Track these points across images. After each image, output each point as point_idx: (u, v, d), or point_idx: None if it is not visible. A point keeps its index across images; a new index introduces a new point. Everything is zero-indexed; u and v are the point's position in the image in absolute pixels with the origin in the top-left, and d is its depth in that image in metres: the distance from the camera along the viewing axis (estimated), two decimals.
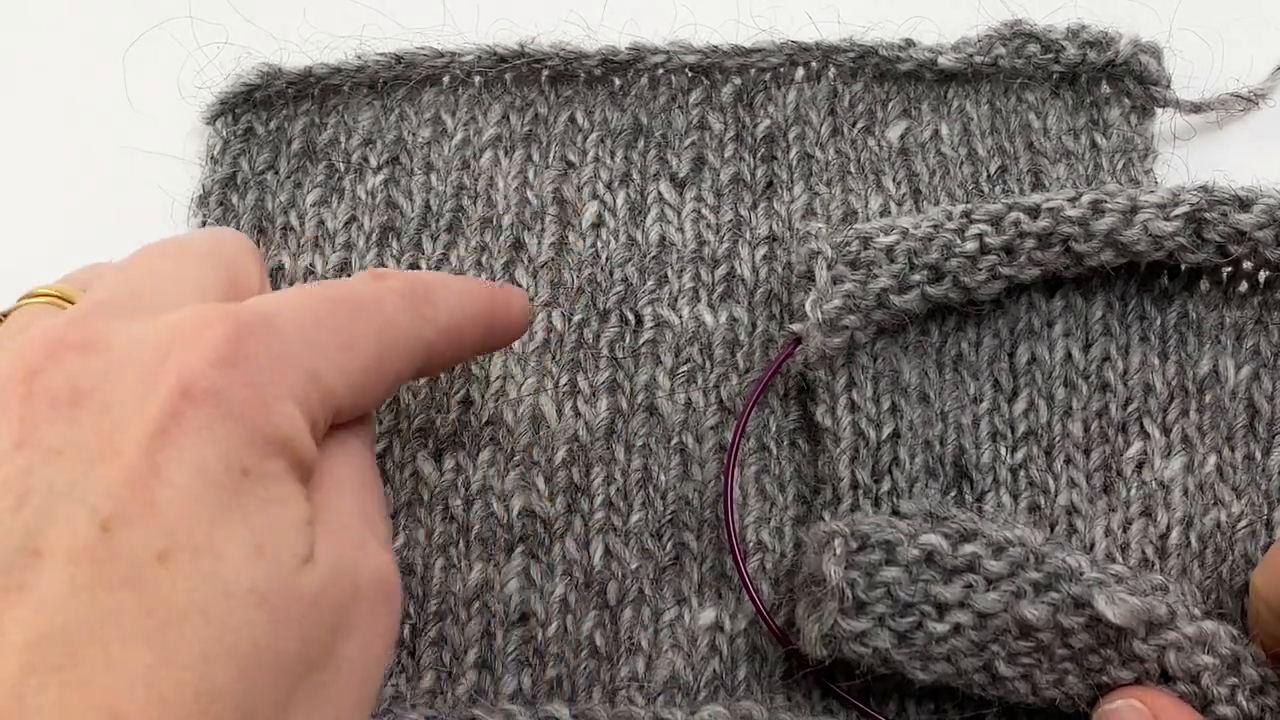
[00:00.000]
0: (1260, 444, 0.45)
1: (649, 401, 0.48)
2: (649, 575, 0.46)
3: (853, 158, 0.52)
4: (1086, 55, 0.52)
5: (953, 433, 0.46)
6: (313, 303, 0.35)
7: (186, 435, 0.30)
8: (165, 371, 0.31)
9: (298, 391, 0.33)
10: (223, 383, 0.31)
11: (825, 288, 0.45)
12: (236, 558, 0.29)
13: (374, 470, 0.38)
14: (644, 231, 0.51)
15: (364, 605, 0.33)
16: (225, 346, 0.31)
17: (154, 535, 0.29)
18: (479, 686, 0.44)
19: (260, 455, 0.31)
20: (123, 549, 0.28)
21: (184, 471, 0.29)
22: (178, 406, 0.30)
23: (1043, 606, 0.40)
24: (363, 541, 0.34)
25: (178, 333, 0.32)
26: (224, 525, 0.29)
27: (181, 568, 0.29)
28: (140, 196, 0.53)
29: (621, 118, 0.53)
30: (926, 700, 0.44)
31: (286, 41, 0.54)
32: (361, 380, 0.36)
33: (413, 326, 0.38)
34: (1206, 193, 0.44)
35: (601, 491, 0.47)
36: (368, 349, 0.36)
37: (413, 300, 0.38)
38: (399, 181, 0.52)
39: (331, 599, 0.32)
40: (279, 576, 0.30)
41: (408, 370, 0.38)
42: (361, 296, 0.37)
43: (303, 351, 0.33)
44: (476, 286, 0.42)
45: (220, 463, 0.30)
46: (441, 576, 0.46)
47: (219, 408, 0.31)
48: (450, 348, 0.40)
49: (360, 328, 0.36)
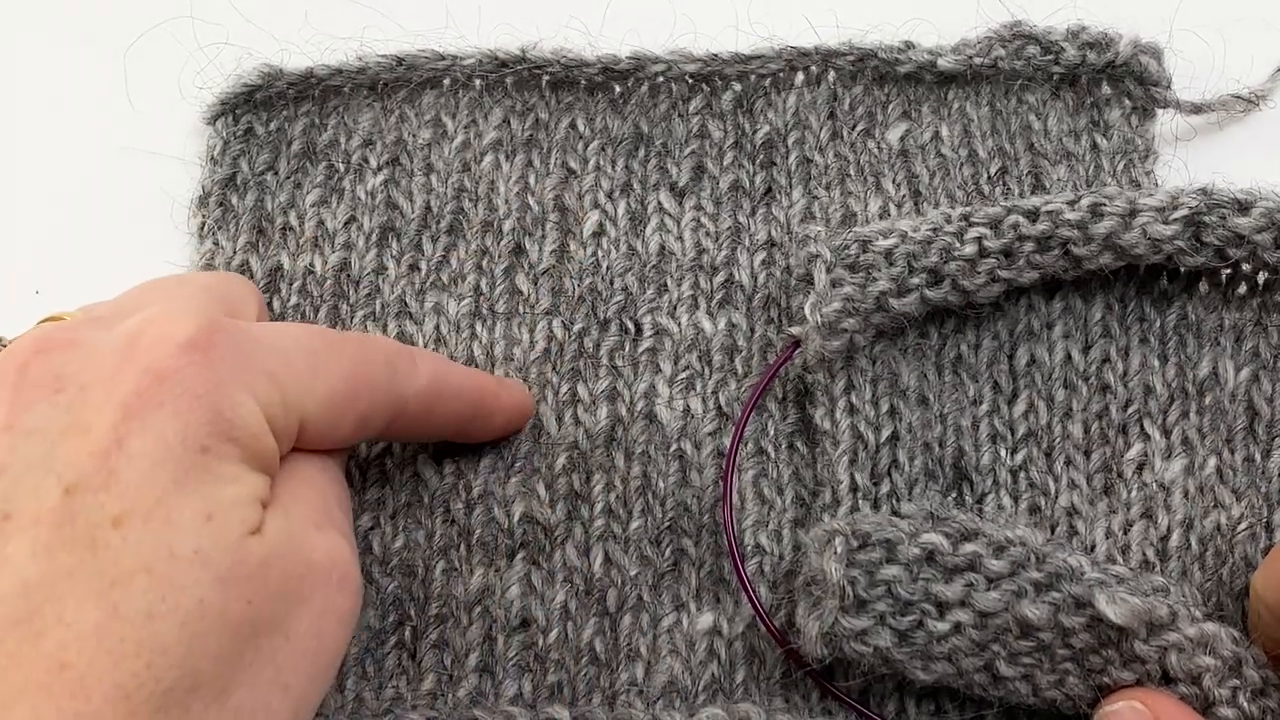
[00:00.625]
0: (1260, 446, 0.45)
1: (648, 409, 0.48)
2: (648, 581, 0.46)
3: (852, 160, 0.52)
4: (1087, 56, 0.52)
5: (952, 435, 0.46)
6: (293, 329, 0.38)
7: (150, 411, 0.32)
8: (136, 354, 0.33)
9: (260, 389, 0.35)
10: (187, 366, 0.33)
11: (824, 291, 0.45)
12: (185, 523, 0.32)
13: (341, 484, 0.40)
14: (644, 241, 0.51)
15: (317, 580, 0.35)
16: (196, 334, 0.34)
17: (111, 500, 0.31)
18: (480, 690, 0.44)
19: (219, 439, 0.33)
20: (81, 513, 0.31)
21: (145, 443, 0.32)
22: (144, 385, 0.33)
23: (1044, 606, 0.40)
24: (319, 523, 0.36)
25: (152, 321, 0.35)
26: (177, 494, 0.32)
27: (133, 531, 0.31)
28: (140, 197, 0.53)
29: (622, 125, 0.53)
30: (926, 701, 0.43)
31: (287, 42, 0.54)
32: (329, 404, 0.38)
33: (389, 377, 0.40)
34: (1205, 195, 0.44)
35: (601, 498, 0.47)
36: (338, 380, 0.38)
37: (395, 358, 0.41)
38: (399, 183, 0.52)
39: (280, 569, 0.34)
40: (225, 541, 0.32)
41: (380, 416, 0.40)
42: (345, 337, 0.39)
43: (271, 361, 0.36)
44: (467, 371, 0.46)
45: (179, 437, 0.32)
46: (442, 580, 0.46)
47: (183, 388, 0.33)
48: (424, 414, 0.43)
49: (335, 359, 0.38)
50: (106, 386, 0.33)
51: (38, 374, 0.33)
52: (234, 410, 0.34)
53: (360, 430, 0.40)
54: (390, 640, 0.45)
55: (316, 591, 0.35)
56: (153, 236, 0.52)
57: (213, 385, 0.33)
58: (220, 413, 0.33)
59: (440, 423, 0.44)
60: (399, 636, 0.45)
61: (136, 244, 0.52)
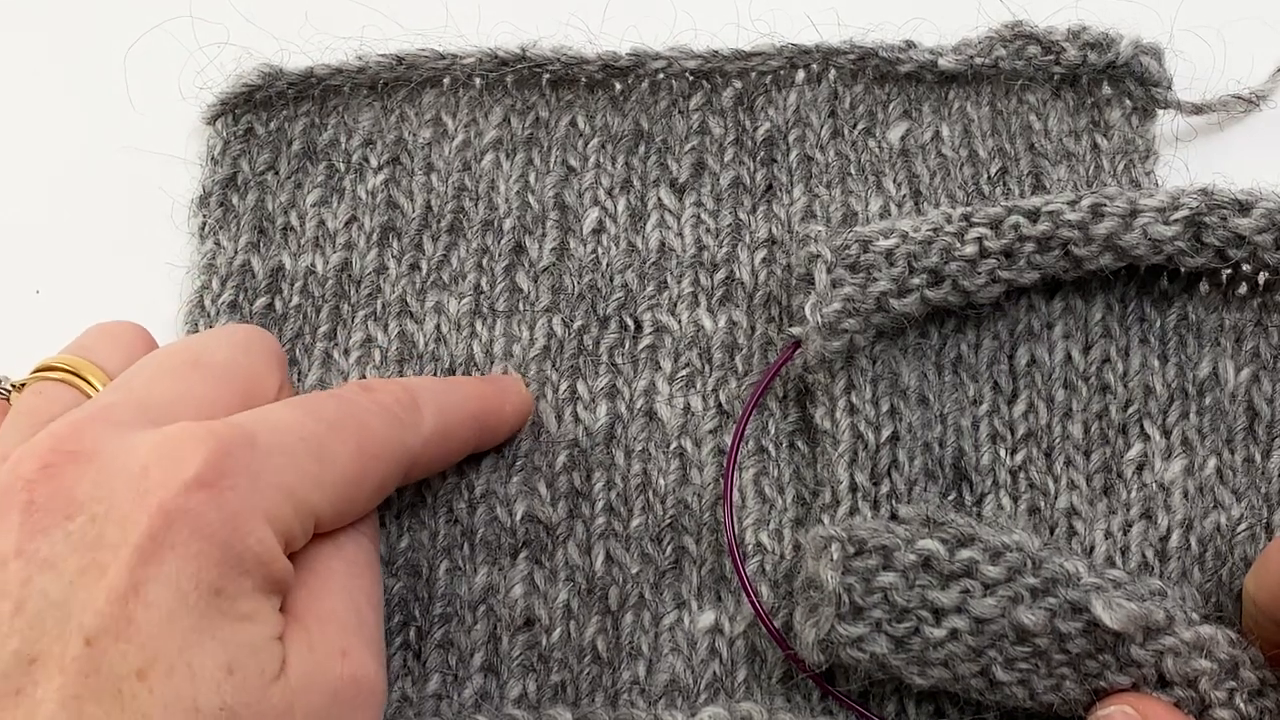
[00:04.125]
0: (1260, 447, 0.45)
1: (648, 406, 0.48)
2: (649, 580, 0.46)
3: (853, 159, 0.52)
4: (1087, 57, 0.52)
5: (952, 435, 0.46)
6: (295, 419, 0.37)
7: (164, 556, 0.32)
8: (148, 491, 0.33)
9: (273, 511, 0.35)
10: (197, 504, 0.33)
11: (824, 291, 0.45)
12: (208, 676, 0.32)
13: (369, 569, 0.40)
14: (644, 238, 0.51)
15: (342, 709, 0.35)
16: (203, 468, 0.34)
17: (133, 651, 0.31)
18: (484, 691, 0.44)
19: (233, 575, 0.33)
20: (105, 664, 0.31)
21: (161, 591, 0.32)
22: (156, 528, 0.32)
23: (1040, 612, 0.40)
24: (344, 646, 0.36)
25: (161, 452, 0.34)
26: (196, 644, 0.32)
27: (158, 683, 0.31)
28: (141, 197, 0.53)
29: (622, 123, 0.53)
30: (926, 702, 0.44)
31: (287, 42, 0.54)
32: (341, 493, 0.38)
33: (395, 436, 0.40)
34: (1206, 196, 0.44)
35: (602, 496, 0.47)
36: (347, 464, 0.38)
37: (397, 410, 0.41)
38: (399, 182, 0.52)
39: (304, 707, 0.34)
40: (249, 693, 0.33)
41: (392, 479, 0.41)
42: (344, 411, 0.39)
43: (281, 469, 0.36)
44: (467, 389, 0.45)
45: (193, 582, 0.32)
46: (446, 579, 0.46)
47: (194, 529, 0.33)
48: (438, 453, 0.43)
49: (340, 443, 0.38)
50: (120, 524, 0.33)
51: (48, 496, 0.33)
52: (245, 543, 0.34)
53: (377, 497, 0.40)
54: (396, 642, 0.45)
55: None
56: (153, 237, 0.52)
57: (223, 522, 0.33)
58: (231, 549, 0.33)
59: (452, 455, 0.45)
60: (404, 638, 0.45)
61: (137, 244, 0.52)
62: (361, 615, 0.38)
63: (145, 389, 0.38)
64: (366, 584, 0.39)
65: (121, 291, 0.51)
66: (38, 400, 0.39)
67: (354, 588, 0.38)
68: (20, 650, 0.31)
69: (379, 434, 0.39)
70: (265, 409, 0.38)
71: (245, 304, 0.50)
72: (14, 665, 0.31)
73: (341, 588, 0.38)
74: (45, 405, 0.38)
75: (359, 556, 0.40)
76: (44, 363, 0.40)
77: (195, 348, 0.40)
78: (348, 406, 0.39)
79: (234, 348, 0.41)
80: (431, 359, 0.49)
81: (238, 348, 0.41)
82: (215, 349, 0.40)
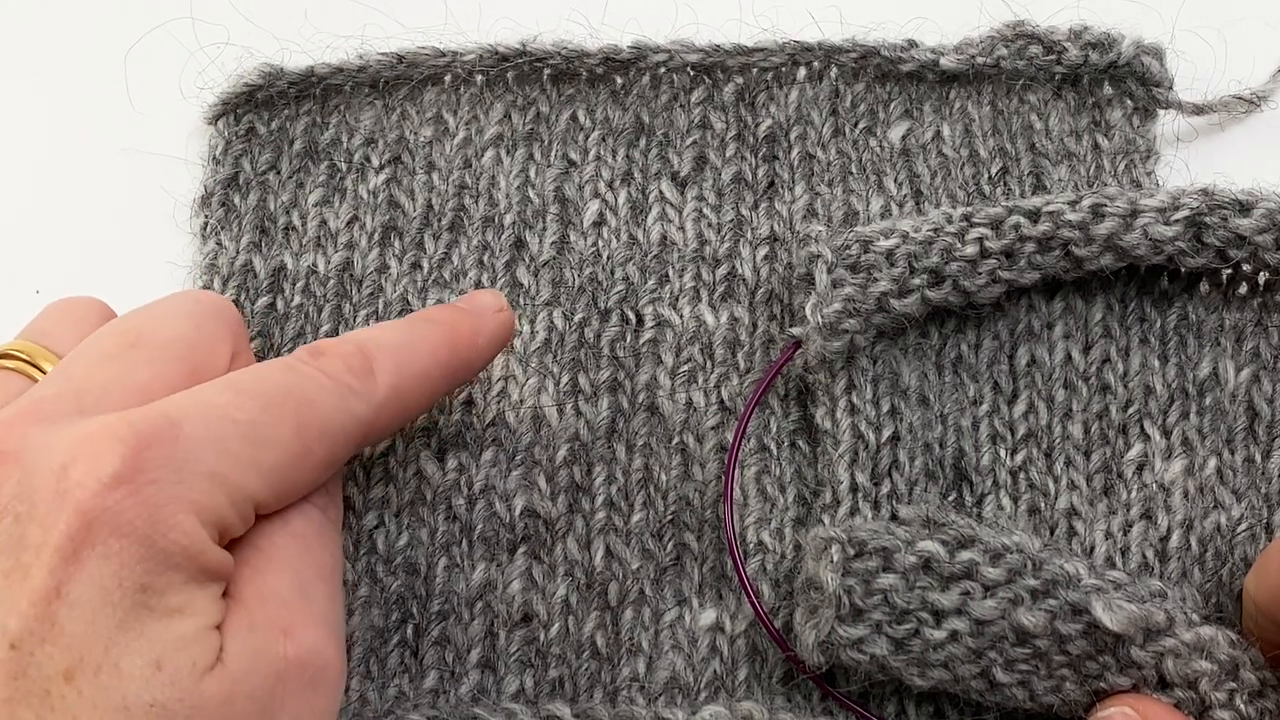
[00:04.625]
0: (1260, 447, 0.45)
1: (650, 401, 0.48)
2: (650, 576, 0.46)
3: (854, 158, 0.52)
4: (1089, 56, 0.52)
5: (952, 435, 0.46)
6: (226, 399, 0.36)
7: (85, 556, 0.32)
8: (66, 491, 0.33)
9: (201, 501, 0.34)
10: (117, 503, 0.33)
11: (825, 291, 0.45)
12: (136, 674, 0.32)
13: (320, 540, 0.39)
14: (645, 230, 0.51)
15: (288, 690, 0.35)
16: (121, 465, 0.33)
17: (59, 653, 0.31)
18: (481, 686, 0.45)
19: (158, 570, 0.33)
20: (32, 666, 0.31)
21: (84, 591, 0.32)
22: (76, 528, 0.32)
23: (1040, 613, 0.40)
24: (287, 625, 0.35)
25: (80, 450, 0.33)
26: (122, 643, 0.32)
27: (86, 684, 0.31)
28: (142, 197, 0.53)
29: (623, 116, 0.53)
30: (926, 703, 0.44)
31: (288, 41, 0.54)
32: (281, 475, 0.36)
33: (342, 408, 0.38)
34: (1206, 196, 0.44)
35: (603, 491, 0.47)
36: (287, 444, 0.36)
37: (348, 378, 0.39)
38: (401, 181, 0.52)
39: (245, 694, 0.33)
40: (179, 687, 0.32)
41: (342, 452, 0.39)
42: (286, 386, 0.37)
43: (208, 456, 0.34)
44: (434, 337, 0.42)
45: (116, 580, 0.32)
46: (445, 576, 0.46)
47: (114, 528, 0.32)
48: (396, 414, 0.41)
49: (278, 424, 0.36)
50: (42, 524, 0.32)
51: None
52: (169, 537, 0.33)
53: (325, 472, 0.38)
54: (393, 638, 0.45)
55: (288, 701, 0.35)
56: (154, 237, 0.52)
57: (144, 518, 0.33)
58: (155, 544, 0.33)
59: (421, 405, 0.42)
60: (401, 634, 0.45)
61: (138, 244, 0.52)
62: (308, 591, 0.37)
63: (83, 375, 0.37)
64: (316, 558, 0.38)
65: (122, 292, 0.51)
66: None
67: (301, 564, 0.37)
68: None
69: (323, 408, 0.37)
70: (198, 390, 0.36)
71: (247, 303, 0.50)
72: None
73: (285, 565, 0.37)
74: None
75: (307, 528, 0.38)
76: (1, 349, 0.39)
77: (138, 326, 0.39)
78: (290, 379, 0.37)
79: (179, 321, 0.39)
80: None
81: (184, 321, 0.39)
82: (159, 325, 0.39)
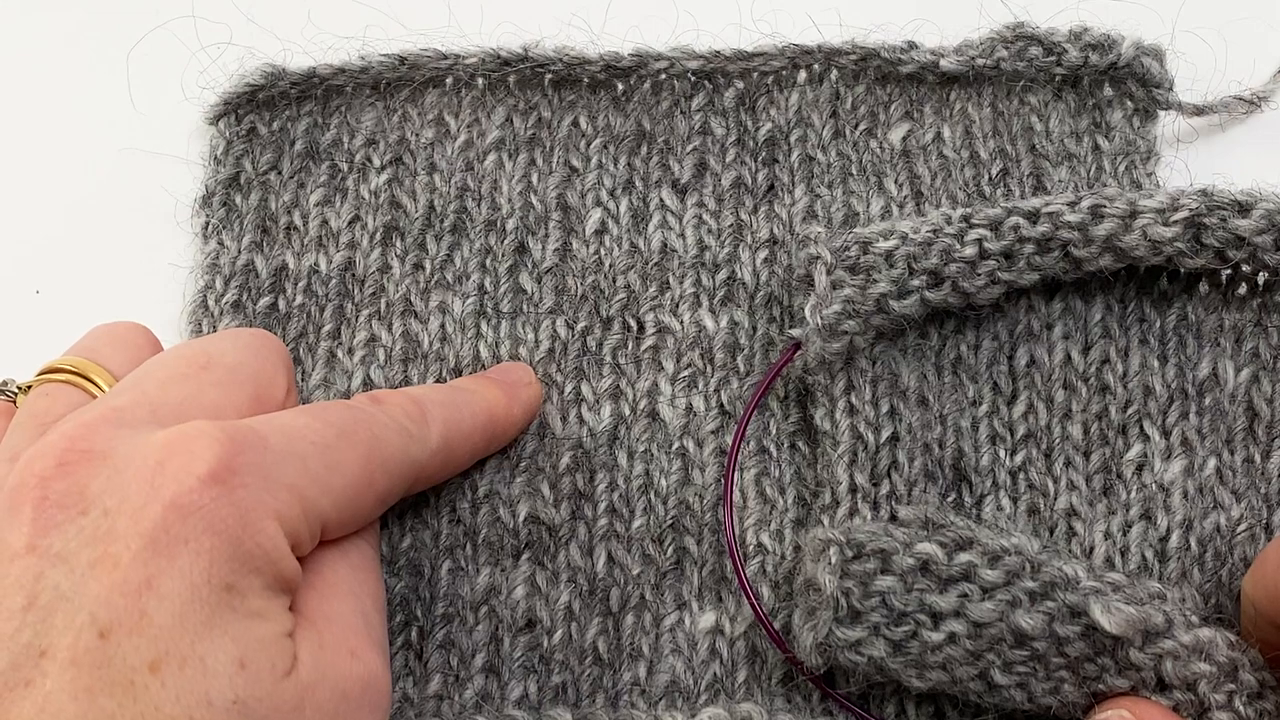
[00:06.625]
0: (1260, 447, 0.45)
1: (651, 407, 0.48)
2: (650, 581, 0.46)
3: (854, 160, 0.52)
4: (1089, 58, 0.52)
5: (952, 436, 0.46)
6: (305, 424, 0.38)
7: (176, 549, 0.33)
8: (160, 485, 0.33)
9: (282, 510, 0.35)
10: (210, 500, 0.33)
11: (824, 293, 0.45)
12: (220, 670, 0.32)
13: (374, 573, 0.41)
14: (646, 238, 0.51)
15: (351, 707, 0.36)
16: (216, 463, 0.34)
17: (146, 645, 0.31)
18: (486, 692, 0.45)
19: (243, 571, 0.34)
20: (118, 656, 0.31)
21: (174, 584, 0.32)
22: (169, 521, 0.33)
23: (1038, 616, 0.40)
24: (354, 647, 0.37)
25: (175, 447, 0.34)
26: (208, 638, 0.32)
27: (170, 676, 0.31)
28: (143, 197, 0.53)
29: (625, 123, 0.53)
30: (926, 704, 0.44)
31: (290, 42, 0.54)
32: (348, 500, 0.38)
33: (403, 449, 0.40)
34: (1206, 197, 0.44)
35: (604, 497, 0.47)
36: (355, 472, 0.38)
37: (406, 423, 0.41)
38: (402, 182, 0.52)
39: (316, 704, 0.34)
40: (261, 688, 0.33)
41: (398, 489, 0.41)
42: (355, 420, 0.39)
43: (290, 471, 0.36)
44: (477, 403, 0.45)
45: (205, 576, 0.33)
46: (449, 580, 0.46)
47: (207, 524, 0.33)
48: (443, 465, 0.43)
49: (349, 451, 0.38)
50: (132, 516, 0.33)
51: (61, 492, 0.33)
52: (255, 541, 0.34)
53: (380, 507, 0.40)
54: (398, 641, 0.45)
55: (349, 718, 0.36)
56: (156, 237, 0.53)
57: (235, 519, 0.34)
58: (242, 545, 0.33)
59: (458, 467, 0.45)
60: (406, 638, 0.45)
61: (139, 244, 0.53)
62: (368, 618, 0.38)
63: (156, 391, 0.38)
64: (371, 588, 0.40)
65: (123, 291, 0.52)
66: (45, 402, 0.39)
67: (360, 592, 0.39)
68: (31, 643, 0.31)
69: (387, 446, 0.40)
70: (276, 414, 0.38)
71: (249, 304, 0.50)
72: (25, 657, 0.31)
73: (349, 591, 0.38)
74: (52, 407, 0.38)
75: (363, 562, 0.40)
76: (49, 365, 0.40)
77: (206, 350, 0.40)
78: (358, 416, 0.40)
79: (243, 350, 0.41)
80: (436, 359, 0.49)
81: (247, 350, 0.41)
82: (225, 351, 0.40)
